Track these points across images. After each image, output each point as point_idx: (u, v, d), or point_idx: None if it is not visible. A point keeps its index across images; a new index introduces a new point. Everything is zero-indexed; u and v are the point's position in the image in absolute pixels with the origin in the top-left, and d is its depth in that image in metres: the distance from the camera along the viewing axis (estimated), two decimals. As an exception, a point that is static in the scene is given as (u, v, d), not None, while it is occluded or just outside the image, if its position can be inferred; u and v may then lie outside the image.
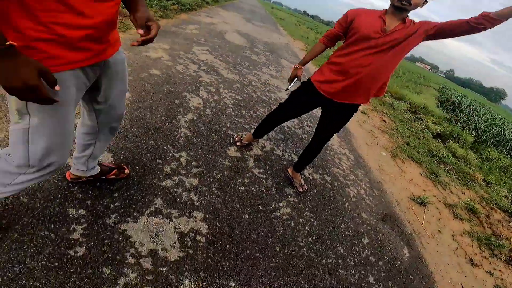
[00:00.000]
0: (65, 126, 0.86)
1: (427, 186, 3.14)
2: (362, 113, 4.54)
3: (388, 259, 1.91)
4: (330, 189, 2.31)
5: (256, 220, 1.70)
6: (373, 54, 1.44)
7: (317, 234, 1.82)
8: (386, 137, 3.98)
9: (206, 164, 1.92)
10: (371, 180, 2.76)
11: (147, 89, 2.46)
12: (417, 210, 2.67)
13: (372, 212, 2.30)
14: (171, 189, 1.62)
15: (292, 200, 1.99)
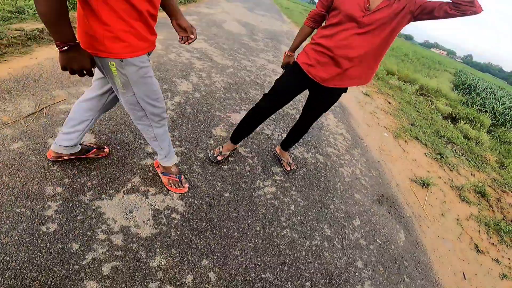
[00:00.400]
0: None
1: (431, 167, 2.98)
2: (364, 94, 4.36)
3: (381, 243, 1.82)
4: (321, 169, 2.23)
5: (237, 198, 1.67)
6: (360, 35, 1.32)
7: (302, 215, 1.76)
8: (390, 118, 3.81)
9: (189, 144, 1.90)
10: (369, 160, 2.65)
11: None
12: (419, 192, 2.54)
13: (367, 193, 2.21)
14: (151, 168, 1.61)
15: (279, 179, 1.94)
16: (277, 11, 13.62)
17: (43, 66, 2.14)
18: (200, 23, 5.10)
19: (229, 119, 2.36)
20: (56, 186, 1.33)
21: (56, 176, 1.37)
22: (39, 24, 2.74)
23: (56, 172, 1.38)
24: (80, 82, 2.13)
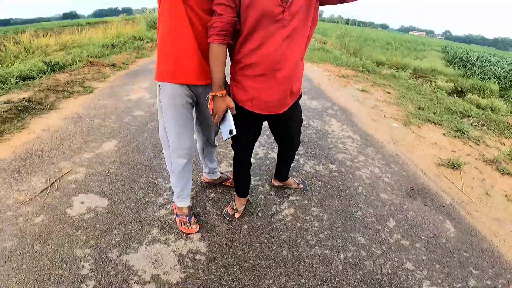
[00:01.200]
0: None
1: (455, 146, 2.83)
2: (361, 91, 4.36)
3: (428, 239, 1.65)
4: (337, 177, 2.14)
5: (256, 228, 1.60)
6: (288, 37, 1.11)
7: (329, 229, 1.64)
8: (394, 107, 3.74)
9: (198, 186, 1.90)
10: (385, 155, 2.54)
11: (132, 131, 2.55)
12: (451, 175, 2.36)
13: (394, 190, 2.07)
14: (166, 217, 1.63)
15: (295, 199, 1.86)
16: None
17: (43, 140, 2.29)
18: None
19: (231, 153, 2.36)
20: (84, 248, 1.41)
21: (82, 240, 1.45)
22: (25, 93, 2.94)
23: (81, 236, 1.47)
24: (84, 147, 2.23)
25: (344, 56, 7.03)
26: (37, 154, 2.10)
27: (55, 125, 2.50)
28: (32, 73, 3.54)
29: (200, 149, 1.71)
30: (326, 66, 6.04)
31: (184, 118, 1.30)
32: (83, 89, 3.35)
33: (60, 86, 3.26)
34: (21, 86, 3.14)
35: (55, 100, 2.96)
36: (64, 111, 2.77)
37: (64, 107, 2.87)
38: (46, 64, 3.86)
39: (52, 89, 3.13)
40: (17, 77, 3.31)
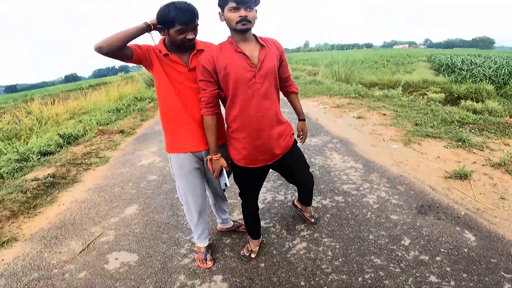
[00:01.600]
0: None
1: (459, 156, 2.92)
2: (357, 118, 4.61)
3: (448, 251, 1.70)
4: (344, 208, 2.24)
5: (272, 264, 1.71)
6: (264, 97, 1.34)
7: (343, 256, 1.72)
8: (392, 129, 3.92)
9: (215, 235, 2.06)
10: (390, 178, 2.64)
11: (149, 195, 2.76)
12: (461, 186, 2.42)
13: (404, 210, 2.15)
14: (190, 265, 1.80)
15: (306, 234, 1.97)
16: None
17: (72, 210, 2.57)
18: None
19: (240, 203, 2.48)
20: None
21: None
22: (48, 169, 3.30)
23: (120, 286, 1.67)
24: (109, 213, 2.48)
25: (336, 84, 7.50)
26: (70, 223, 2.36)
27: (81, 197, 2.81)
28: (51, 148, 3.98)
29: (212, 204, 1.93)
30: (321, 98, 6.42)
31: (192, 182, 1.56)
32: (99, 159, 3.75)
33: (78, 159, 3.67)
34: (43, 162, 3.54)
35: (76, 173, 3.34)
36: (87, 183, 3.11)
37: (86, 179, 3.23)
38: (61, 137, 4.34)
39: (72, 162, 3.52)
40: (37, 153, 3.74)
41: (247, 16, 1.25)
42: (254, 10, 1.30)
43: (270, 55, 1.36)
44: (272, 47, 1.39)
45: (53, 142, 4.14)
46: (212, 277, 1.67)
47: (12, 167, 3.27)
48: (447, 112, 4.21)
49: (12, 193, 2.68)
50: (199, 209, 1.64)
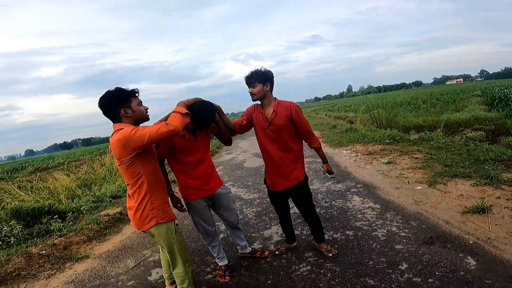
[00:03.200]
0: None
1: (485, 193, 2.95)
2: (386, 164, 4.77)
3: (443, 274, 1.89)
4: (353, 240, 2.53)
5: (277, 282, 2.12)
6: (272, 140, 2.15)
7: (340, 277, 2.03)
8: (419, 172, 3.99)
9: (235, 259, 2.56)
10: (405, 215, 2.83)
11: (189, 229, 3.41)
12: (477, 219, 2.52)
13: (410, 241, 2.35)
14: (211, 279, 2.34)
15: (312, 260, 2.33)
16: None
17: (132, 238, 3.40)
18: (225, 170, 6.61)
19: (263, 235, 2.97)
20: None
21: None
22: (116, 208, 4.31)
23: None
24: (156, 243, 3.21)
25: (371, 131, 7.71)
26: (129, 246, 3.18)
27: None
28: (119, 193, 5.24)
29: (230, 234, 2.49)
30: (354, 146, 6.62)
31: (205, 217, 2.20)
32: None
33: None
34: (113, 203, 4.72)
35: (138, 211, 4.33)
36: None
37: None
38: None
39: (136, 204, 4.58)
40: (109, 196, 4.95)
41: (252, 92, 2.12)
42: (261, 85, 2.08)
43: (281, 117, 2.10)
44: (282, 111, 2.12)
45: (121, 189, 5.39)
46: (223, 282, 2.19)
47: (90, 206, 4.45)
48: (483, 151, 4.16)
49: (90, 224, 3.70)
50: (209, 237, 2.27)
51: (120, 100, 1.65)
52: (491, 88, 15.87)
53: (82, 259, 3.01)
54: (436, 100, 13.22)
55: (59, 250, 3.08)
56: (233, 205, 2.36)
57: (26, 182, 6.97)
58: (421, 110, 10.76)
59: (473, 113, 7.56)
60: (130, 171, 1.65)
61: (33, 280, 2.67)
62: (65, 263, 2.93)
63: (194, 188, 2.09)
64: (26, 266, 2.79)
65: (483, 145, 4.67)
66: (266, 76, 2.10)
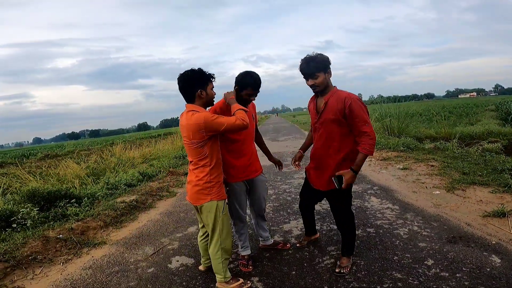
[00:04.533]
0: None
1: (503, 200, 3.02)
2: (402, 169, 4.86)
3: (470, 270, 1.97)
4: (375, 237, 2.62)
5: (302, 273, 2.19)
6: (318, 138, 2.05)
7: (366, 270, 2.10)
8: (437, 178, 4.09)
9: (257, 250, 2.61)
10: (426, 216, 2.91)
11: None
12: (498, 222, 2.61)
13: (433, 240, 2.43)
14: (234, 268, 2.37)
15: (335, 254, 2.40)
16: (297, 130, 16.58)
17: (148, 226, 3.47)
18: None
19: (282, 229, 3.06)
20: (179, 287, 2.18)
21: (177, 282, 2.26)
22: (132, 196, 4.41)
23: (177, 280, 2.29)
24: (176, 230, 3.30)
25: (384, 138, 7.82)
26: (146, 234, 3.25)
27: (155, 218, 3.77)
28: (133, 181, 5.39)
29: (255, 224, 2.56)
30: None
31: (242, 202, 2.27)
32: (169, 193, 4.87)
33: (153, 191, 4.82)
34: (128, 191, 4.83)
35: (152, 201, 4.42)
36: (159, 209, 4.12)
37: (159, 206, 4.27)
38: (141, 174, 5.82)
39: (149, 193, 4.68)
40: (124, 184, 5.06)
41: (314, 83, 1.95)
42: (322, 73, 1.91)
43: (331, 110, 1.94)
44: (333, 103, 1.93)
45: (135, 178, 5.52)
46: (250, 278, 2.19)
47: (105, 193, 4.55)
48: (500, 161, 4.25)
49: (106, 210, 3.78)
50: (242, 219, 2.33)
51: (200, 81, 1.85)
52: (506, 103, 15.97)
53: (99, 244, 3.07)
54: (449, 113, 13.31)
55: (76, 235, 3.15)
56: (266, 195, 2.48)
57: (35, 168, 7.09)
58: (433, 122, 10.84)
59: (487, 127, 7.65)
60: (198, 151, 1.85)
61: (49, 264, 2.69)
62: (82, 248, 2.99)
63: (237, 169, 2.18)
64: (42, 250, 2.83)
65: (500, 156, 4.74)
66: (326, 62, 1.92)
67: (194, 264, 2.51)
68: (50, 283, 2.40)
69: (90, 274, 2.50)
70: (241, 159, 2.20)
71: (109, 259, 2.75)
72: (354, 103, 1.89)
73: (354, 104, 1.88)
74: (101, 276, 2.46)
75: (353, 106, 1.87)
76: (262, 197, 2.40)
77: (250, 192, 2.37)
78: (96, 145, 20.70)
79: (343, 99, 1.91)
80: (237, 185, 2.23)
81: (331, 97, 1.96)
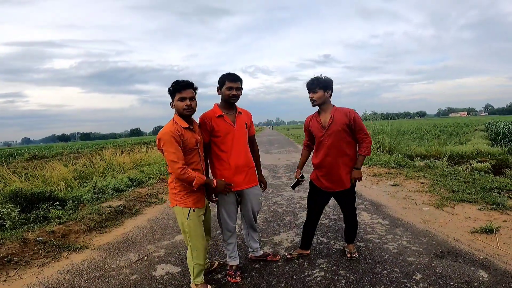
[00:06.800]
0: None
1: (491, 217, 3.08)
2: (393, 185, 4.93)
3: (458, 284, 1.99)
4: (364, 250, 2.61)
5: (291, 285, 2.14)
6: (327, 147, 2.31)
7: (355, 283, 2.08)
8: (426, 195, 4.15)
9: (246, 261, 2.58)
10: (414, 232, 2.94)
11: None
12: (486, 238, 2.66)
13: (422, 254, 2.44)
14: (221, 279, 2.34)
15: (325, 267, 2.38)
16: (290, 143, 16.67)
17: (134, 233, 3.38)
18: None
19: (272, 240, 3.02)
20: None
21: None
22: (119, 201, 4.31)
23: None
24: (163, 237, 3.22)
25: (376, 155, 7.94)
26: (131, 240, 3.15)
27: (142, 224, 3.67)
28: (122, 187, 5.28)
29: (245, 234, 2.53)
30: None
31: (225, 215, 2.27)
32: (157, 200, 4.77)
33: (142, 197, 4.73)
34: (115, 196, 4.73)
35: (139, 207, 4.32)
36: (147, 216, 4.02)
37: (147, 212, 4.17)
38: (130, 180, 5.67)
39: (137, 199, 4.58)
40: (111, 189, 4.95)
41: (312, 97, 2.34)
42: (322, 91, 2.29)
43: (337, 123, 2.29)
44: (339, 117, 2.31)
45: (124, 183, 5.41)
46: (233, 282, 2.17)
47: (90, 197, 4.44)
48: (489, 180, 4.36)
49: (91, 214, 3.68)
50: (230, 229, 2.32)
51: (170, 93, 2.04)
52: (495, 123, 16.52)
53: (81, 249, 2.96)
54: (440, 132, 13.67)
55: (57, 238, 3.04)
56: (258, 209, 2.46)
57: (21, 169, 6.89)
58: (424, 140, 11.11)
59: (476, 146, 7.87)
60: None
61: (24, 267, 2.58)
62: (62, 252, 2.88)
63: (225, 178, 2.18)
64: (19, 252, 2.72)
65: (488, 175, 4.87)
66: (327, 83, 2.32)
67: (180, 272, 2.45)
68: (23, 286, 2.30)
69: (68, 278, 2.41)
70: (228, 169, 2.21)
71: (89, 264, 2.66)
72: (357, 116, 2.34)
73: (356, 117, 2.34)
74: (80, 281, 2.37)
75: (356, 118, 2.32)
76: (252, 210, 2.38)
77: (241, 203, 2.36)
78: (86, 148, 20.38)
79: (347, 113, 2.32)
80: (226, 195, 2.22)
81: (335, 112, 2.34)
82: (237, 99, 2.26)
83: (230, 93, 2.18)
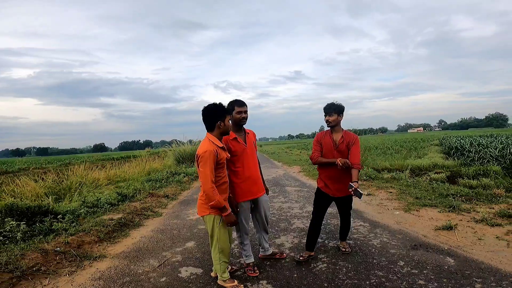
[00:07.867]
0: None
1: (449, 217, 3.86)
2: (367, 195, 5.69)
3: (432, 268, 2.56)
4: (354, 246, 3.17)
5: (302, 275, 2.61)
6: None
7: (354, 270, 2.60)
8: (395, 202, 4.94)
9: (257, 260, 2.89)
10: (391, 231, 3.58)
11: (202, 236, 3.73)
12: (447, 234, 3.36)
13: (400, 247, 3.05)
14: (241, 275, 2.69)
15: (326, 260, 2.89)
16: (266, 159, 17.27)
17: (144, 242, 3.58)
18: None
19: (275, 242, 3.46)
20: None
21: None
22: (118, 214, 4.45)
23: (192, 287, 2.50)
24: (174, 245, 3.48)
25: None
26: (145, 249, 3.36)
27: (148, 234, 3.86)
28: (113, 201, 5.35)
29: (258, 236, 2.96)
30: None
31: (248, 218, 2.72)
32: (154, 213, 4.93)
33: (138, 211, 4.87)
34: (111, 210, 4.80)
35: (139, 220, 4.48)
36: (149, 227, 4.20)
37: (148, 224, 4.34)
38: (119, 195, 5.75)
39: (134, 213, 4.71)
40: (105, 203, 5.03)
41: (328, 119, 2.87)
42: (336, 115, 2.83)
43: (345, 142, 2.86)
44: (347, 138, 2.86)
45: (114, 198, 5.46)
46: (259, 281, 2.55)
47: (86, 211, 4.52)
48: (445, 189, 5.31)
49: (96, 226, 3.80)
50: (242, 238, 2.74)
51: (219, 115, 2.36)
52: (449, 138, 18.70)
53: (99, 258, 3.12)
54: (400, 147, 15.16)
55: (73, 248, 3.16)
56: (269, 212, 2.93)
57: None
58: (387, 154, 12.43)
59: (433, 160, 9.09)
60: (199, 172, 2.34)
61: (54, 276, 2.71)
62: (83, 261, 3.01)
63: (243, 190, 2.63)
64: (43, 262, 2.82)
65: (445, 184, 5.86)
66: (340, 108, 2.87)
67: (203, 273, 2.77)
68: (62, 293, 2.43)
69: (103, 284, 2.59)
70: (245, 182, 2.66)
71: (116, 271, 2.86)
72: (358, 140, 2.90)
73: (357, 141, 2.90)
74: (114, 286, 2.57)
75: (357, 141, 2.89)
76: (265, 214, 2.84)
77: (254, 209, 2.79)
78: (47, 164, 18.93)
79: (353, 136, 2.90)
80: (244, 203, 2.66)
81: (345, 134, 2.91)
82: (246, 121, 2.73)
83: (240, 116, 2.66)
